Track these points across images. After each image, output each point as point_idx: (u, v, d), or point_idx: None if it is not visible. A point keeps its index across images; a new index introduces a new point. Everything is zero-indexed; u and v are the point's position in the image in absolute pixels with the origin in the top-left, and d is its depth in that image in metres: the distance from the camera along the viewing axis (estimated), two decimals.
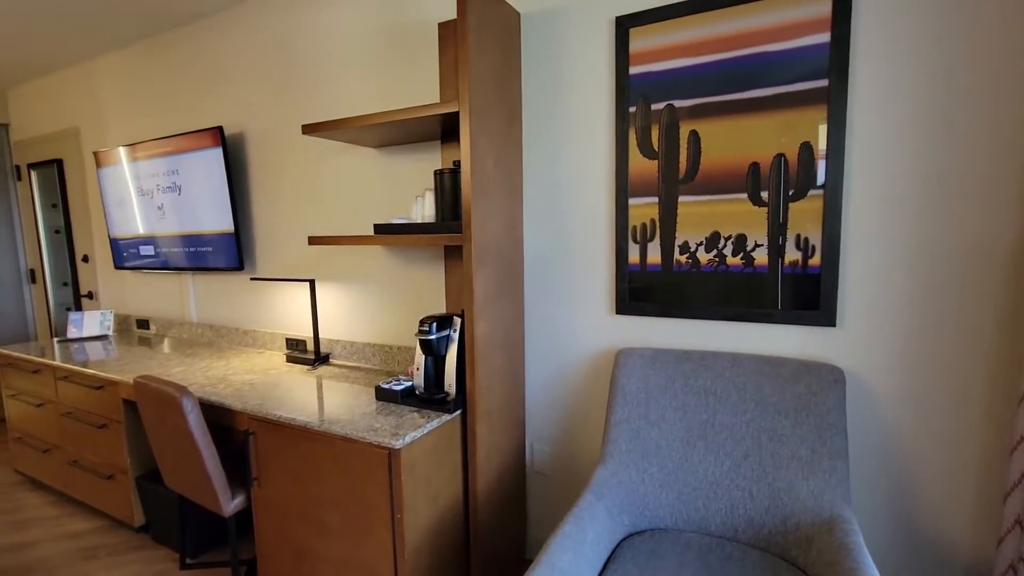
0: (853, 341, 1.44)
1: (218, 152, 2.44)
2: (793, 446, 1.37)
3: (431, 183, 2.02)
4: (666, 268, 1.64)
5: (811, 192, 1.43)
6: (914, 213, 1.34)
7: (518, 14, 1.76)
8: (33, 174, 3.73)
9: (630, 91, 1.63)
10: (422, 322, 1.63)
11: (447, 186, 1.70)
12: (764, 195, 1.48)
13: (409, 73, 2.01)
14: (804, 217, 1.44)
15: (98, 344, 2.81)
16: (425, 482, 1.52)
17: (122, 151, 2.85)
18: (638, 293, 1.69)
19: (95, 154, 3.00)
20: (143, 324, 3.15)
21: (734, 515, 1.38)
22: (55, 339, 2.97)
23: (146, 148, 2.73)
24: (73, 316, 2.96)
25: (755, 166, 1.48)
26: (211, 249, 2.60)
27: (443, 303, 2.04)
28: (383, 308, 2.20)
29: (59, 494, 2.72)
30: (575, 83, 1.73)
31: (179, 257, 2.76)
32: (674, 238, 1.62)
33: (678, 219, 1.60)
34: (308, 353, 2.34)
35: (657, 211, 1.63)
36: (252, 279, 2.38)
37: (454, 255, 1.89)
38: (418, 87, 2.00)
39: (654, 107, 1.60)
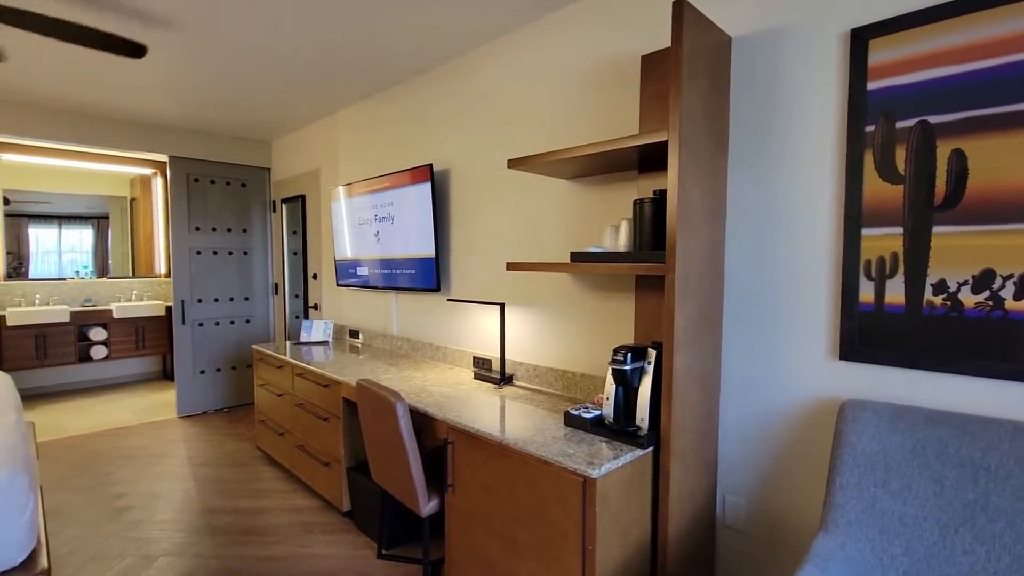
0: None
1: (427, 187, 2.77)
2: None
3: (622, 213, 2.02)
4: (912, 310, 1.39)
5: None
6: None
7: (729, 38, 1.70)
8: (284, 207, 4.66)
9: (867, 108, 1.44)
10: (616, 351, 1.61)
11: (647, 215, 1.68)
12: None
13: (601, 107, 2.06)
14: None
15: (320, 348, 3.34)
16: (616, 517, 1.47)
17: (349, 187, 3.41)
18: (869, 337, 1.46)
19: (330, 190, 3.63)
20: (354, 334, 3.67)
21: None
22: (288, 341, 3.61)
23: (369, 184, 3.22)
24: (305, 323, 3.58)
25: None
26: (414, 272, 2.94)
27: (627, 333, 2.00)
28: (567, 335, 2.24)
29: (287, 472, 3.25)
30: (793, 104, 1.59)
31: (387, 278, 3.16)
32: (925, 275, 1.37)
33: (931, 253, 1.36)
34: (493, 372, 2.48)
35: (901, 243, 1.40)
36: (448, 300, 2.62)
37: (647, 286, 1.85)
38: (608, 120, 2.04)
39: (899, 125, 1.39)
